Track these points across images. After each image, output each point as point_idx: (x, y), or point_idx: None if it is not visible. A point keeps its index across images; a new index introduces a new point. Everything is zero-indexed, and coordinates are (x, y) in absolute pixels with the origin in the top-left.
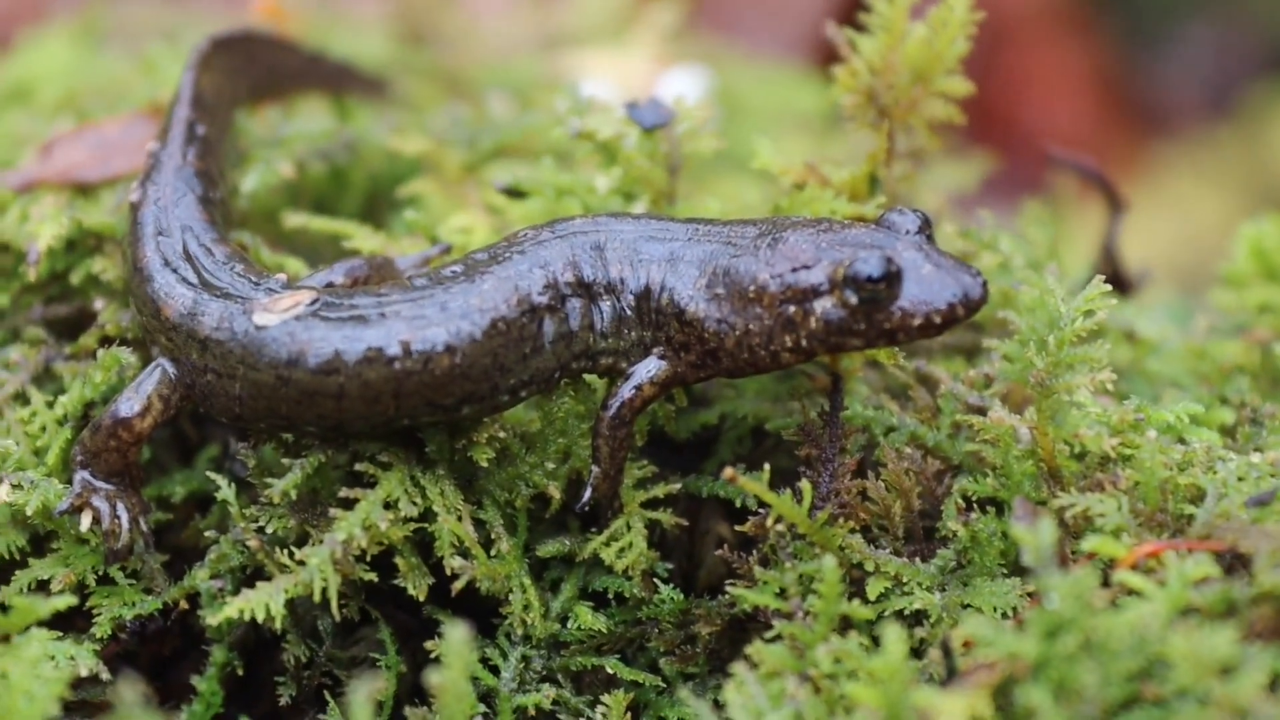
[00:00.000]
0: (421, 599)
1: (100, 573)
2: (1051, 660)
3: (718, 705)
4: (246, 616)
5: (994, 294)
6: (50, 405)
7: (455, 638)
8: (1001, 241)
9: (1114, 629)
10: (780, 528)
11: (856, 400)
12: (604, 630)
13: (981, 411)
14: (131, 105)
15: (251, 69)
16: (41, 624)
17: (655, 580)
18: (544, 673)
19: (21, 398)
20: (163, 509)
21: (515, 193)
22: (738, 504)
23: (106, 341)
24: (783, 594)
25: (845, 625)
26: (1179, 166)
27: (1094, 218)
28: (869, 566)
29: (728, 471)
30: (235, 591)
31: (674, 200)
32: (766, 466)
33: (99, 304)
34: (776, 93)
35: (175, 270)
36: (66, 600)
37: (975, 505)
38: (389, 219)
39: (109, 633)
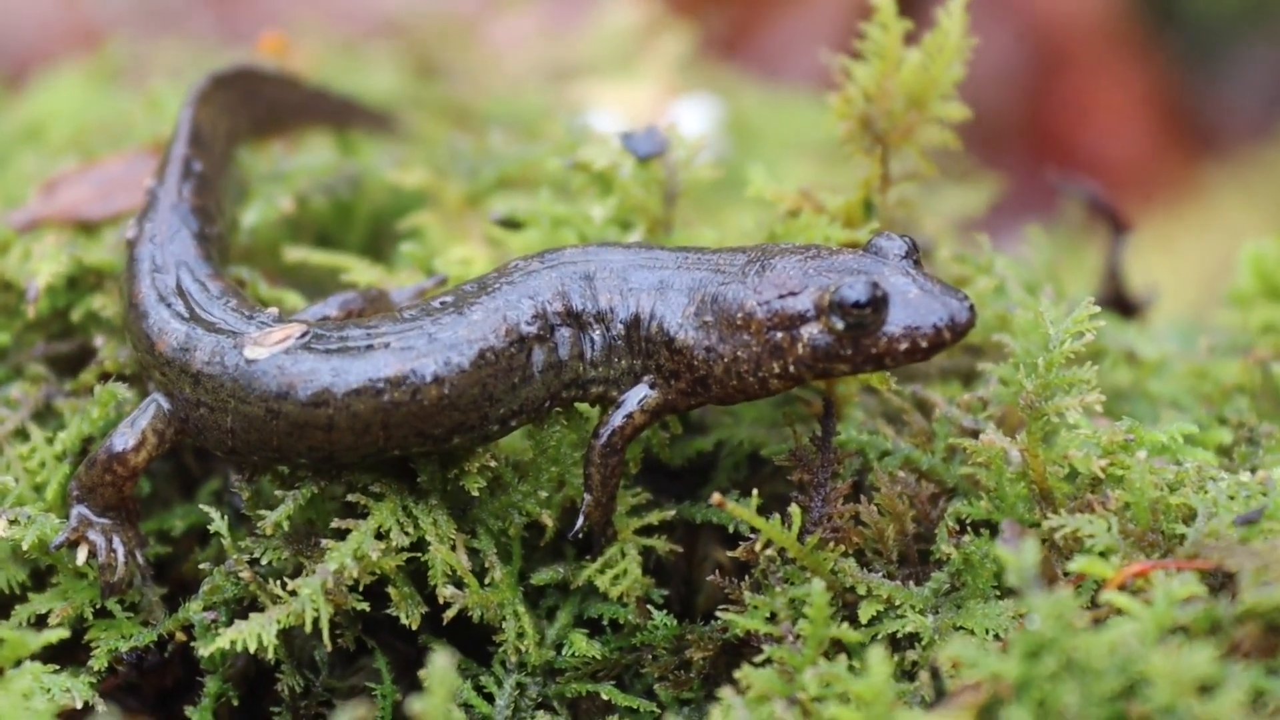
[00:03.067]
0: (414, 628)
1: (98, 606)
2: (1034, 680)
3: None
4: (239, 647)
5: (991, 317)
6: (50, 441)
7: (439, 665)
8: (997, 265)
9: (1094, 649)
10: (770, 552)
11: (852, 425)
12: (599, 657)
13: (976, 435)
14: (135, 142)
15: (252, 105)
16: (42, 658)
17: (649, 606)
18: (539, 700)
19: (22, 434)
20: (163, 543)
21: (511, 224)
22: (730, 530)
23: (105, 378)
24: (773, 618)
25: (841, 649)
26: (1228, 187)
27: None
28: (861, 590)
29: (715, 497)
30: (229, 623)
31: (671, 229)
32: (755, 492)
33: (99, 341)
34: (789, 120)
35: (169, 306)
36: (59, 634)
37: (969, 528)
38: (392, 252)
39: (105, 665)
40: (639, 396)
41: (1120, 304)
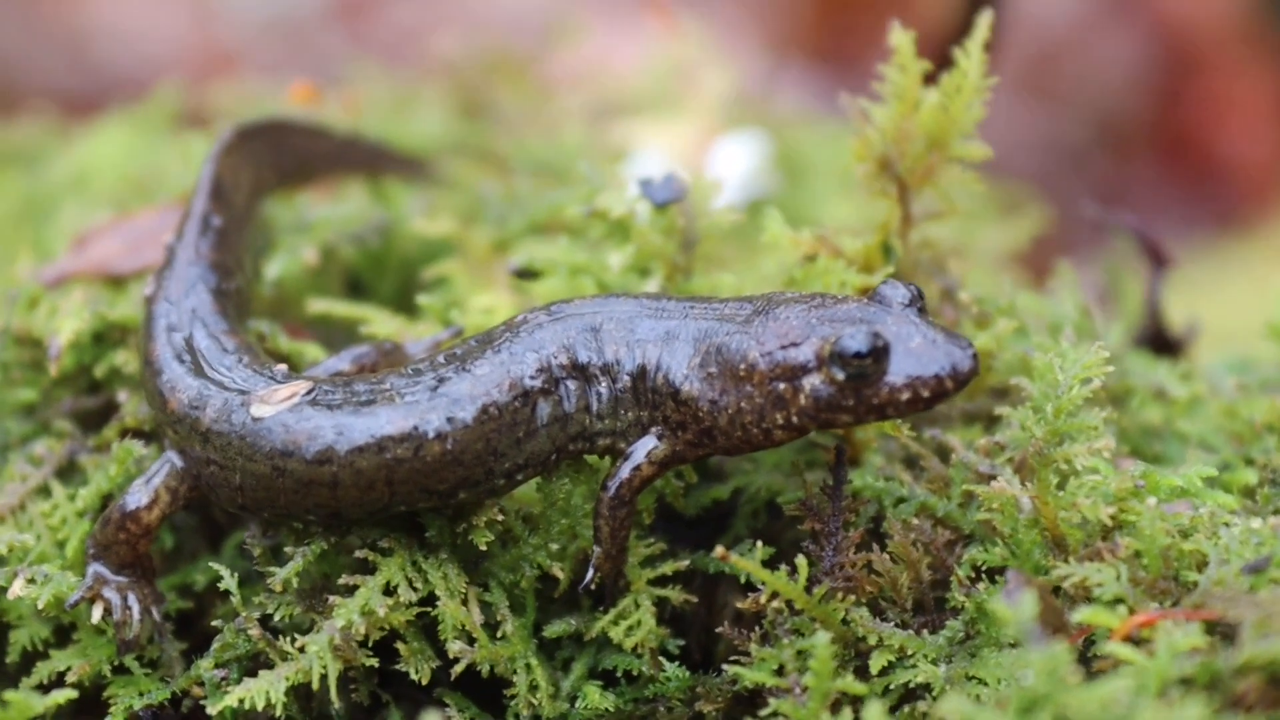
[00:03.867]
0: (424, 682)
1: (116, 663)
2: None
3: None
4: (247, 705)
5: (1013, 359)
6: (71, 498)
7: None
8: (1019, 305)
9: (1086, 704)
10: (777, 604)
11: (869, 471)
12: (612, 709)
13: (992, 480)
14: (167, 194)
15: (279, 156)
16: (59, 717)
17: (661, 658)
18: None
19: (44, 491)
20: (186, 597)
21: (527, 274)
22: (741, 580)
23: (125, 434)
24: (781, 671)
25: (853, 700)
26: None
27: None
28: (872, 640)
29: (718, 550)
30: (239, 680)
31: (690, 275)
32: (759, 543)
33: (123, 396)
34: (841, 153)
35: (183, 363)
36: (66, 694)
37: (985, 575)
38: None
39: None
40: (646, 448)
41: (1160, 341)
